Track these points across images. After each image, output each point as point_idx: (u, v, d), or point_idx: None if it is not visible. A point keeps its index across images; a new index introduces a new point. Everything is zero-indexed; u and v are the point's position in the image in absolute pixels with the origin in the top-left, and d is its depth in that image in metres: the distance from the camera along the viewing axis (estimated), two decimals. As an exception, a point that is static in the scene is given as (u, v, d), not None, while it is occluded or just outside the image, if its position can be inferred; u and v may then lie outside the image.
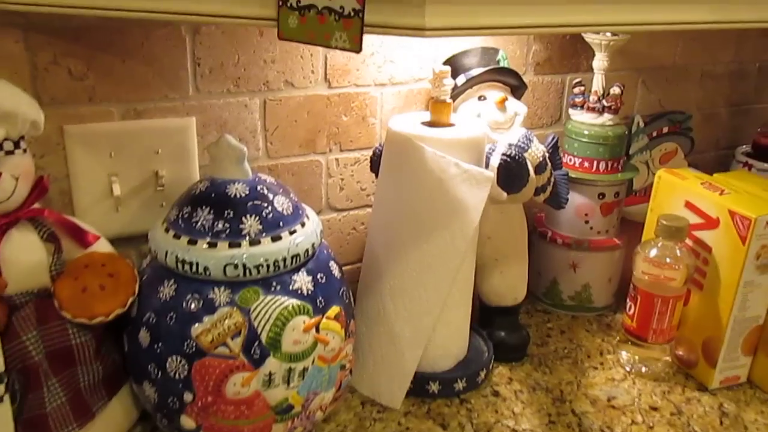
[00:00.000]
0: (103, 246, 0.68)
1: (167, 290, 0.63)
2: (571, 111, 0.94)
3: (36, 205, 0.63)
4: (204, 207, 0.64)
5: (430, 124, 0.75)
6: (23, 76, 0.67)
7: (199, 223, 0.63)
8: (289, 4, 0.50)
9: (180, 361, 0.61)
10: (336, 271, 0.69)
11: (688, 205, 0.81)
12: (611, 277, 0.96)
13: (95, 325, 0.62)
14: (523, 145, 0.76)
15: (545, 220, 0.98)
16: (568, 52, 0.97)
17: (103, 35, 0.69)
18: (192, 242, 0.62)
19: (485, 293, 0.86)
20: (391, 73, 0.84)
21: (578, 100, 0.93)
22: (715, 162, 1.19)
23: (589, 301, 0.96)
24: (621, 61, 1.00)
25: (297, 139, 0.82)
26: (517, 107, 0.82)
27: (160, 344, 0.61)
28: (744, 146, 1.13)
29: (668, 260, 0.78)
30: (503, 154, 0.73)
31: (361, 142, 0.86)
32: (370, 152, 0.87)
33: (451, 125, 0.75)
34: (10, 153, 0.59)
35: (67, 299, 0.62)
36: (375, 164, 0.79)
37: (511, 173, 0.73)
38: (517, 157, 0.72)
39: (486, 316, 0.87)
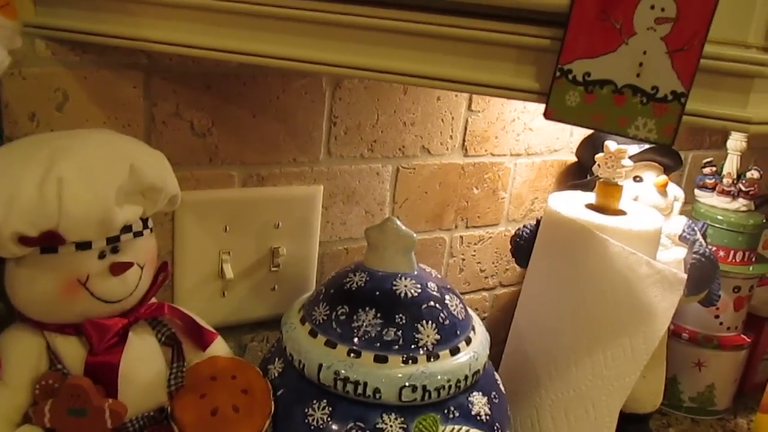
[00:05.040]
0: (221, 347, 0.54)
1: (318, 414, 0.49)
2: (698, 192, 0.85)
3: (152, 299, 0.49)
4: (367, 308, 0.51)
5: (596, 208, 0.64)
6: (137, 128, 0.53)
7: (362, 329, 0.50)
8: (571, 77, 0.39)
9: None
10: (501, 385, 0.57)
11: None
12: (736, 378, 0.87)
13: (221, 456, 0.48)
14: (690, 237, 0.67)
15: (662, 310, 0.87)
16: (695, 128, 0.89)
17: (235, 84, 0.56)
18: (354, 353, 0.49)
19: (624, 400, 0.74)
20: (528, 142, 0.74)
21: (709, 181, 0.84)
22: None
23: (710, 404, 0.86)
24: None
25: (425, 214, 0.70)
26: (676, 191, 0.72)
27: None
28: None
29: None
30: (696, 253, 0.62)
31: (488, 218, 0.75)
32: (494, 230, 0.76)
33: (620, 212, 0.64)
34: (138, 234, 0.46)
35: (192, 425, 0.47)
36: (521, 249, 0.68)
37: (705, 275, 0.62)
38: (711, 256, 0.62)
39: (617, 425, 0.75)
